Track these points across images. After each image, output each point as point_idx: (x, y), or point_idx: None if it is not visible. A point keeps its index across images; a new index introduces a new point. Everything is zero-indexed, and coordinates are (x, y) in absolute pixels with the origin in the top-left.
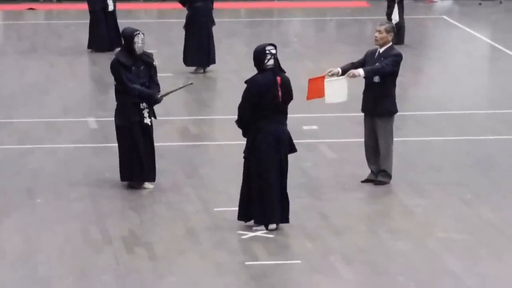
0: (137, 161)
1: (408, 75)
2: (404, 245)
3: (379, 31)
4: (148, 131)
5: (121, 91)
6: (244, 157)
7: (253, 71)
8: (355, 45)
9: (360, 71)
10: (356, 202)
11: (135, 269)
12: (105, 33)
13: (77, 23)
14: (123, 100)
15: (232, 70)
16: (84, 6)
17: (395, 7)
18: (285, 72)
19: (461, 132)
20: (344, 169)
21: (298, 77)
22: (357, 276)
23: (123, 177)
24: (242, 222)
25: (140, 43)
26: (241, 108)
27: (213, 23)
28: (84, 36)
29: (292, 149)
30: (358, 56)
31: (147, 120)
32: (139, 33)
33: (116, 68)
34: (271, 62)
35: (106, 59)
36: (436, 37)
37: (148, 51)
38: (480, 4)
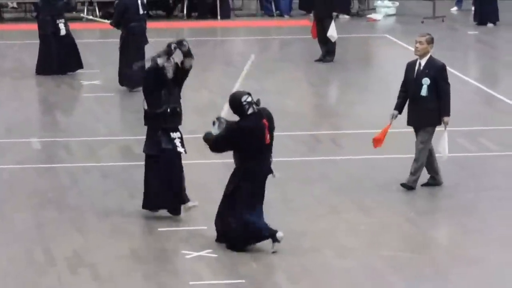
0: (167, 189)
1: (351, 92)
2: (349, 264)
3: (420, 42)
4: (180, 159)
5: (151, 117)
6: (226, 193)
7: (198, 92)
8: (298, 63)
9: (445, 118)
10: (302, 221)
11: None
12: (55, 57)
13: (20, 44)
14: (153, 127)
15: None
16: (27, 27)
17: (332, 23)
18: (261, 106)
19: (405, 149)
20: (288, 187)
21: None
22: None
23: (150, 206)
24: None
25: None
26: (223, 140)
27: (147, 42)
28: (27, 57)
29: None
30: (302, 75)
31: (180, 149)
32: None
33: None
34: (251, 110)
35: (51, 80)
36: (379, 55)
37: (91, 71)
38: (422, 22)
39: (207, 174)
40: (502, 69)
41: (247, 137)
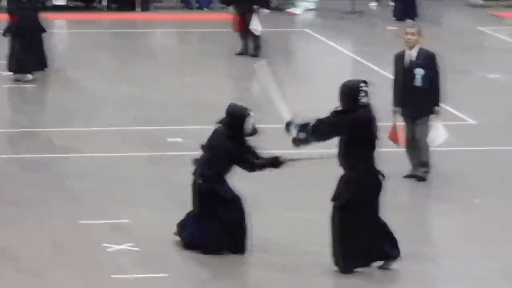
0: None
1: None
2: (271, 258)
3: (412, 33)
4: None
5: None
6: (339, 203)
7: (118, 85)
8: (218, 57)
9: (437, 108)
10: None
11: (1, 284)
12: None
13: None
14: None
15: (98, 81)
16: None
17: (255, 17)
18: None
19: (323, 145)
20: None
21: (162, 88)
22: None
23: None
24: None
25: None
26: (328, 125)
27: (44, 30)
28: None
29: None
30: (223, 69)
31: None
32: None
33: None
34: (365, 100)
35: None
36: (299, 50)
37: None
38: (342, 17)
39: (132, 167)
40: None
41: (364, 126)
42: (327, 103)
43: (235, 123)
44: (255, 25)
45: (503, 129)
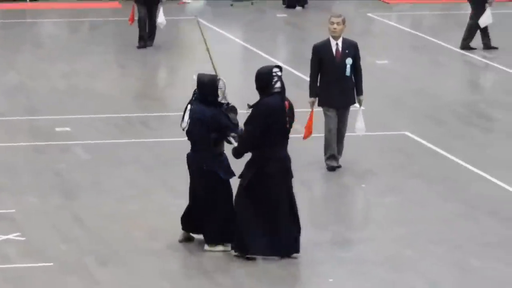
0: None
1: (161, 75)
2: (158, 245)
3: (338, 23)
4: None
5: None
6: (243, 184)
7: (7, 74)
8: (108, 45)
9: (361, 97)
10: (112, 202)
11: None
12: None
13: None
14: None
15: None
16: None
17: (160, 9)
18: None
19: None
20: (99, 170)
21: (51, 78)
22: (111, 276)
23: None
24: None
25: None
26: (250, 133)
27: None
28: None
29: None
30: (113, 58)
31: None
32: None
33: None
34: (278, 85)
35: None
36: (189, 38)
37: None
38: (232, 5)
39: (16, 157)
40: (310, 51)
41: (271, 116)
42: None
43: (208, 90)
44: (161, 19)
45: (389, 114)
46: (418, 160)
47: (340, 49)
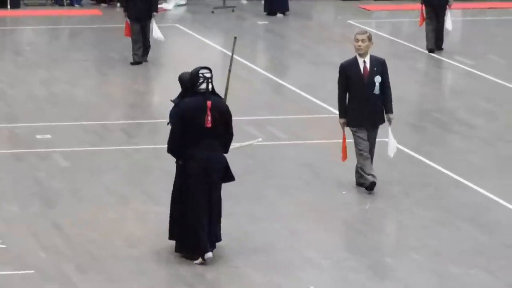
0: None
1: (141, 83)
2: (138, 252)
3: (363, 40)
4: None
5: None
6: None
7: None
8: (88, 52)
9: (391, 115)
10: (91, 210)
11: None
12: None
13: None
14: None
15: None
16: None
17: (154, 24)
18: (219, 97)
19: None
20: (79, 177)
21: (31, 85)
22: (91, 284)
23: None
24: None
25: None
26: (171, 132)
27: None
28: None
29: (229, 177)
30: (92, 65)
31: None
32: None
33: None
34: (204, 86)
35: None
36: (169, 46)
37: None
38: (212, 12)
39: None
40: (290, 58)
41: (188, 115)
42: None
43: (190, 86)
44: (158, 34)
45: None
46: (398, 166)
47: (368, 67)
